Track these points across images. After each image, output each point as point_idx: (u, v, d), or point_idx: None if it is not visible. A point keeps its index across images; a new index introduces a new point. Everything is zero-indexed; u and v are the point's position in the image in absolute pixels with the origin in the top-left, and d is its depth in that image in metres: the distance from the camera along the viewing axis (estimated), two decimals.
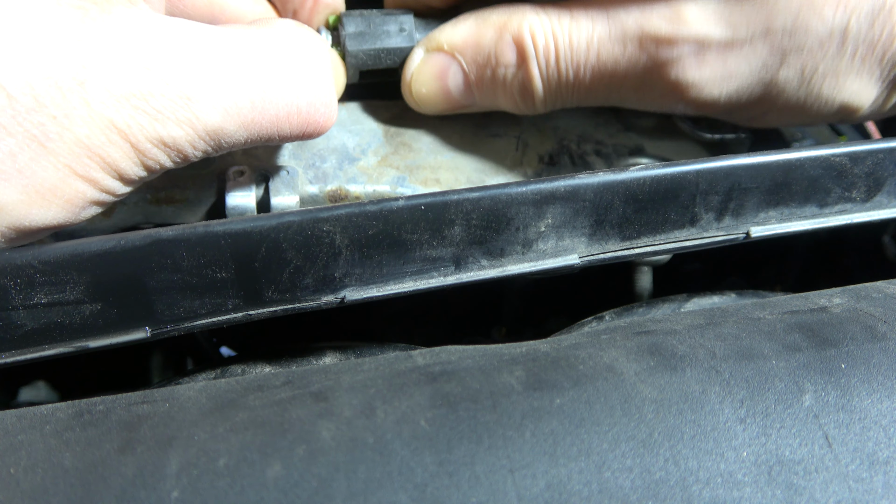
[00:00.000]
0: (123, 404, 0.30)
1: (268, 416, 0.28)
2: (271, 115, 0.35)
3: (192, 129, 0.33)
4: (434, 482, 0.26)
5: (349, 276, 0.35)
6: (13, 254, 0.31)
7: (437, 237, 0.35)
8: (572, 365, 0.30)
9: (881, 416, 0.29)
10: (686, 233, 0.40)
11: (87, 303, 0.32)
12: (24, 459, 0.27)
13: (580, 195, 0.37)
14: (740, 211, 0.40)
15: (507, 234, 0.37)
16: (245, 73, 0.34)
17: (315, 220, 0.33)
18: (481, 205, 0.35)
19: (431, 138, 0.50)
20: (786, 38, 0.42)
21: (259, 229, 0.33)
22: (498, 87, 0.46)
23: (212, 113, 0.33)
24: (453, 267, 0.37)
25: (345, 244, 0.34)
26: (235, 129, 0.34)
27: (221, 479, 0.26)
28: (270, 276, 0.34)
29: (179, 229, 0.32)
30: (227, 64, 0.33)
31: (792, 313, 0.34)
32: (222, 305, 0.34)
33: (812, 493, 0.27)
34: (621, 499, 0.26)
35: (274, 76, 0.35)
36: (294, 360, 0.39)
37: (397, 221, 0.34)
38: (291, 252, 0.34)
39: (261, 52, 0.35)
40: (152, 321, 0.33)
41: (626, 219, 0.38)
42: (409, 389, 0.29)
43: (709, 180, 0.38)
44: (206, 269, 0.33)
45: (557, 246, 0.38)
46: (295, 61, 0.36)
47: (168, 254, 0.32)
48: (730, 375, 0.30)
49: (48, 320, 0.32)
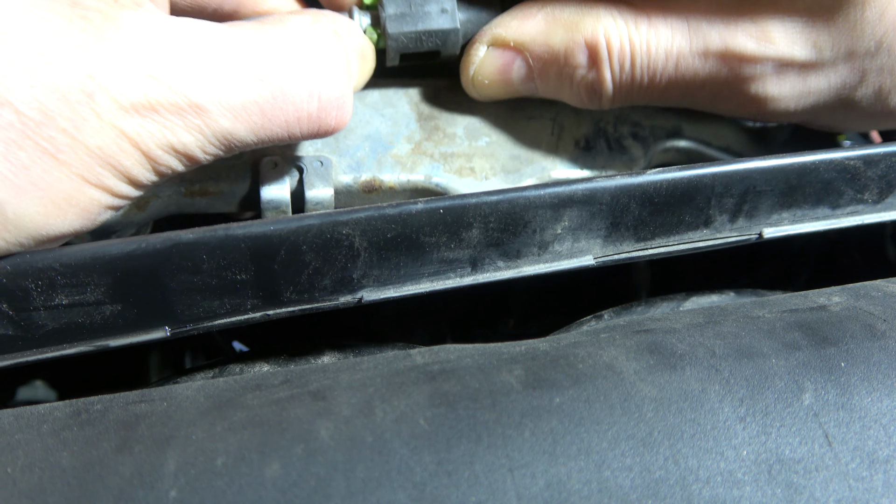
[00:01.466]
0: (121, 403, 0.30)
1: (266, 415, 0.28)
2: (281, 119, 0.35)
3: (202, 135, 0.33)
4: (433, 481, 0.26)
5: (367, 277, 0.36)
6: (34, 256, 0.31)
7: (454, 240, 0.36)
8: (572, 364, 0.30)
9: (881, 415, 0.29)
10: (700, 234, 0.40)
11: (107, 303, 0.33)
12: (22, 459, 0.27)
13: (597, 198, 0.37)
14: (754, 213, 0.41)
15: (524, 236, 0.37)
16: (254, 76, 0.34)
17: (335, 223, 0.34)
18: (499, 208, 0.36)
19: (466, 121, 0.49)
20: (868, 60, 0.43)
21: (279, 232, 0.33)
22: (564, 84, 0.45)
23: (221, 118, 0.33)
24: (470, 268, 0.37)
25: (363, 246, 0.35)
26: (245, 132, 0.34)
27: (219, 479, 0.26)
28: (289, 278, 0.34)
29: (200, 232, 0.32)
30: (236, 67, 0.33)
31: (791, 312, 0.34)
32: (241, 306, 0.34)
33: (812, 491, 0.27)
34: (621, 498, 0.26)
35: (284, 78, 0.35)
36: (292, 360, 0.39)
37: (416, 224, 0.35)
38: (311, 254, 0.34)
39: (271, 53, 0.35)
40: (172, 321, 0.34)
41: (641, 221, 0.39)
42: (408, 388, 0.29)
43: (724, 183, 0.39)
44: (225, 270, 0.33)
45: (573, 247, 0.38)
46: (306, 61, 0.36)
47: (188, 256, 0.32)
48: (729, 374, 0.30)
49: (69, 320, 0.32)
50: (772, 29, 0.42)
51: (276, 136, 0.36)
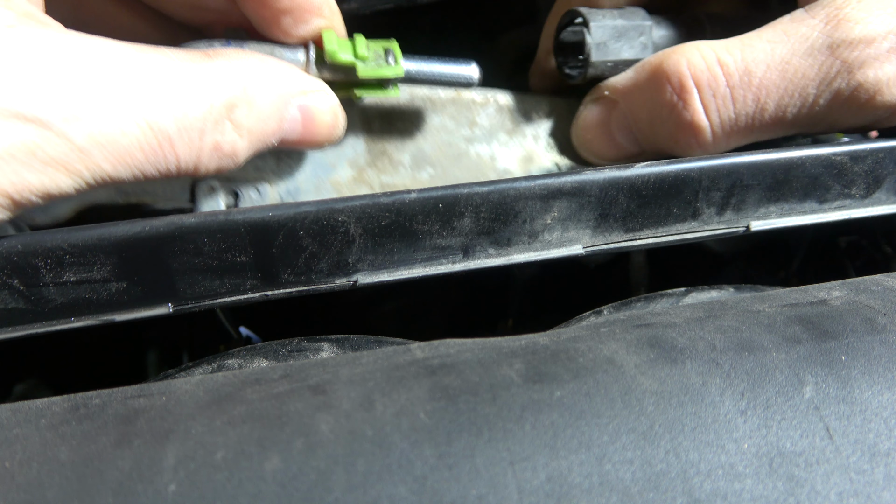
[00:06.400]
0: (120, 398, 0.30)
1: (266, 409, 0.28)
2: (174, 158, 0.33)
3: (81, 179, 0.31)
4: (434, 475, 0.26)
5: (362, 262, 0.37)
6: (44, 236, 0.33)
7: (446, 228, 0.37)
8: (572, 357, 0.30)
9: (882, 408, 0.29)
10: (688, 226, 0.41)
11: (113, 281, 0.34)
12: (20, 453, 0.26)
13: (586, 191, 0.38)
14: (741, 206, 0.41)
15: (515, 225, 0.38)
16: (144, 115, 0.31)
17: (331, 210, 0.35)
18: (490, 198, 0.37)
19: (416, 147, 0.47)
20: None
21: (277, 218, 0.35)
22: (658, 127, 0.43)
23: (103, 162, 0.31)
24: (462, 255, 0.38)
25: (358, 233, 0.36)
26: (130, 175, 0.32)
27: (219, 473, 0.26)
28: (287, 261, 0.36)
29: (202, 216, 0.34)
30: (127, 104, 0.31)
31: (791, 306, 0.34)
32: (241, 286, 0.36)
33: (813, 484, 0.27)
34: (622, 491, 0.26)
35: (192, 125, 0.33)
36: (291, 355, 0.39)
37: (409, 213, 0.36)
38: (307, 239, 0.36)
39: (191, 93, 0.33)
40: (175, 298, 0.36)
41: (629, 212, 0.40)
42: (408, 382, 0.29)
43: (711, 177, 0.40)
44: (225, 253, 0.35)
45: (563, 237, 0.40)
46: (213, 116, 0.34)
47: (190, 239, 0.34)
48: (730, 367, 0.30)
49: (77, 296, 0.34)
50: None
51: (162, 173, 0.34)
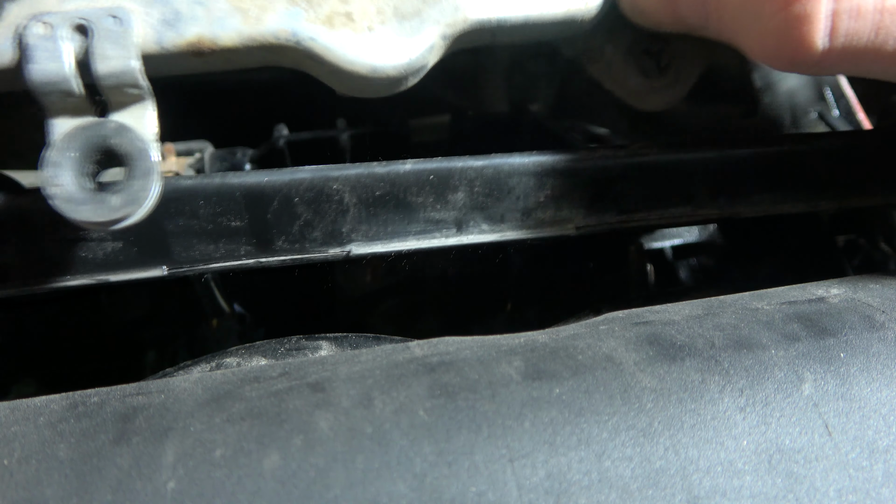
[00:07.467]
0: (118, 396, 0.30)
1: (265, 406, 0.28)
2: None
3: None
4: (433, 472, 0.26)
5: (356, 232, 0.38)
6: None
7: (440, 201, 0.38)
8: (571, 355, 0.30)
9: (880, 405, 0.29)
10: (681, 210, 0.42)
11: (108, 240, 0.35)
12: (18, 451, 0.26)
13: (581, 171, 0.39)
14: (735, 193, 0.42)
15: (508, 201, 0.39)
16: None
17: (326, 178, 0.36)
18: (484, 173, 0.38)
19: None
20: None
21: (272, 184, 0.35)
22: (749, 19, 0.33)
23: None
24: (455, 229, 0.39)
25: (353, 202, 0.37)
26: None
27: (218, 470, 0.26)
28: (282, 228, 0.37)
29: (197, 179, 0.34)
30: None
31: (790, 304, 0.34)
32: (235, 251, 0.37)
33: (812, 481, 0.27)
34: (621, 488, 0.26)
35: None
36: (290, 353, 0.38)
37: (404, 184, 0.37)
38: (302, 206, 0.36)
39: None
40: (169, 261, 0.36)
41: (623, 195, 0.40)
42: (407, 380, 0.29)
43: (707, 165, 0.40)
44: (221, 217, 0.36)
45: (556, 216, 0.40)
46: None
47: (186, 201, 0.35)
48: (729, 365, 0.30)
49: (73, 254, 0.35)
50: None
51: None
